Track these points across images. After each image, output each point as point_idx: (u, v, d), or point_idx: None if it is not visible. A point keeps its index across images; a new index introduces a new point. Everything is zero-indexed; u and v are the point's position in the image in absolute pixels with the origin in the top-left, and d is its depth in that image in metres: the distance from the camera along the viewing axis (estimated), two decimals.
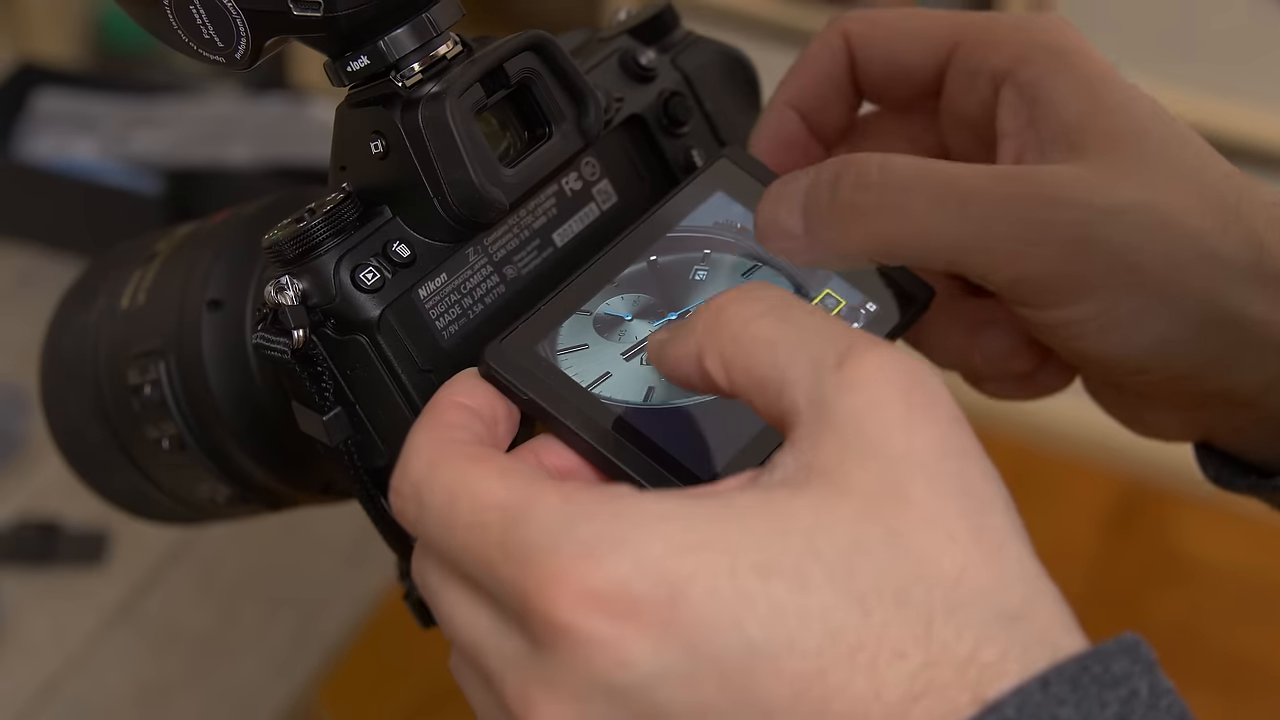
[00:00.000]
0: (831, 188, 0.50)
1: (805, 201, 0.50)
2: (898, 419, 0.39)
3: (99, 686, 1.08)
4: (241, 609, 1.13)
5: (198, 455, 0.60)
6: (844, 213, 0.49)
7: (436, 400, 0.46)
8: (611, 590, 0.37)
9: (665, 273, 0.52)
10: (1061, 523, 2.20)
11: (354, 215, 0.51)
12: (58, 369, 0.65)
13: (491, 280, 0.53)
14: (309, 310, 0.50)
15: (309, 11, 0.48)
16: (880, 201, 0.49)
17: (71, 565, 1.13)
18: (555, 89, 0.52)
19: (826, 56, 0.57)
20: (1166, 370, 0.51)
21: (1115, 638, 0.37)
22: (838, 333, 0.41)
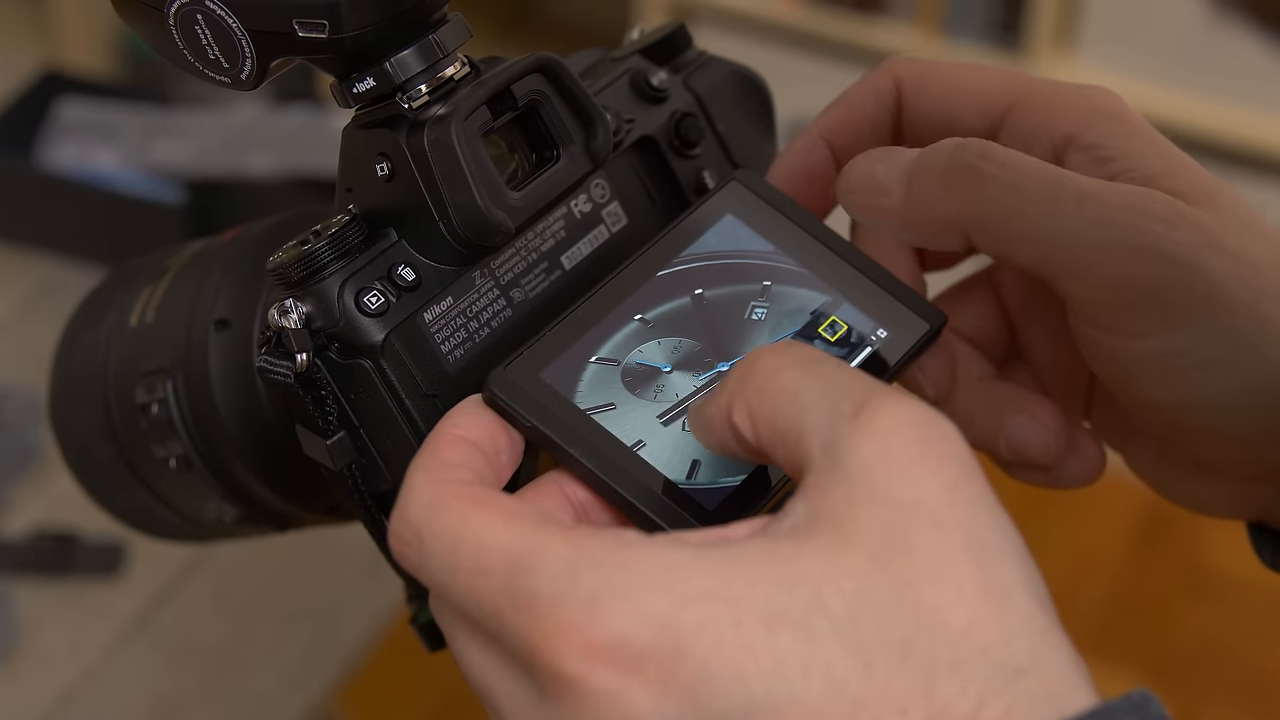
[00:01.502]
0: (952, 151, 0.49)
1: (918, 162, 0.50)
2: (906, 468, 0.39)
3: (115, 698, 1.08)
4: (258, 621, 1.13)
5: (204, 475, 0.59)
6: (960, 173, 0.49)
7: (435, 435, 0.45)
8: (616, 642, 0.37)
9: (715, 311, 0.52)
10: (1089, 535, 2.19)
11: (359, 238, 0.50)
12: (67, 386, 0.64)
13: (498, 304, 0.52)
14: (313, 334, 0.50)
15: (314, 33, 0.48)
16: (1000, 173, 0.48)
17: (88, 576, 1.13)
18: (563, 111, 0.52)
19: (872, 98, 0.56)
20: (1235, 430, 0.50)
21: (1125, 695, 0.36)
22: (859, 385, 0.40)
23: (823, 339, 0.52)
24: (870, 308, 0.53)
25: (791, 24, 2.34)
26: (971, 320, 0.58)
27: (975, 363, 0.57)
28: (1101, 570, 2.15)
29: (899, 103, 0.55)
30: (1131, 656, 2.01)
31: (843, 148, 0.56)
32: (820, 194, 0.57)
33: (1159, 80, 2.11)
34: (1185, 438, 0.52)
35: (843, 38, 2.32)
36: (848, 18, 2.33)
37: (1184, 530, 2.16)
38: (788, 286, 0.52)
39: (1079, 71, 2.16)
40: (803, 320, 0.52)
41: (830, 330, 0.52)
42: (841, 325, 0.52)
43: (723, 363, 0.50)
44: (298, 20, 0.48)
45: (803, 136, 0.57)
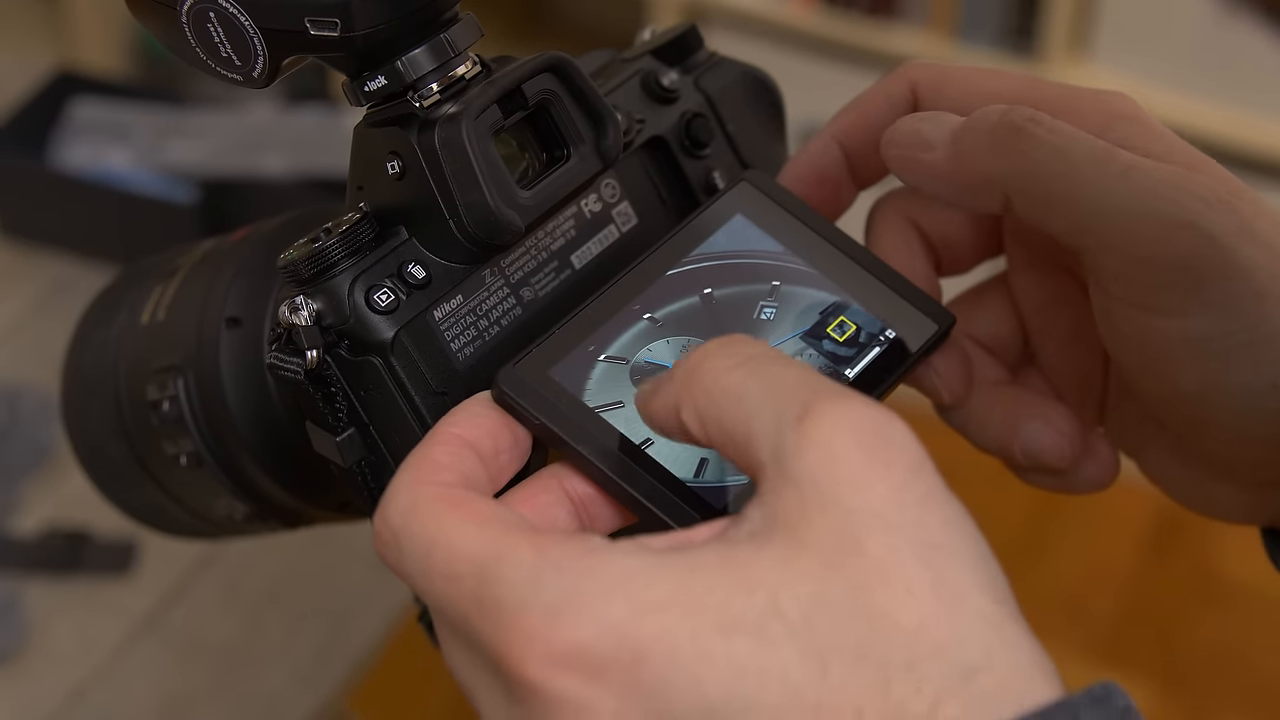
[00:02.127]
0: (1003, 112, 0.50)
1: (967, 121, 0.50)
2: (854, 471, 0.39)
3: (125, 696, 1.08)
4: (268, 619, 1.13)
5: (215, 472, 0.59)
6: (1009, 132, 0.49)
7: (432, 433, 0.46)
8: (577, 651, 0.38)
9: (723, 310, 0.52)
10: (1100, 542, 2.18)
11: (370, 235, 0.51)
12: (79, 384, 0.65)
13: (508, 302, 0.53)
14: (323, 331, 0.50)
15: (326, 31, 0.48)
16: (1048, 137, 0.49)
17: (99, 575, 1.14)
18: (574, 110, 0.52)
19: (887, 102, 0.56)
20: (1256, 428, 0.50)
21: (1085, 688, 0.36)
22: (805, 385, 0.40)
23: (831, 339, 0.52)
24: (879, 308, 0.53)
25: (805, 27, 2.34)
26: (986, 325, 0.58)
27: (990, 367, 0.57)
28: (1112, 577, 2.15)
29: (915, 107, 0.55)
30: (1142, 664, 2.00)
31: (857, 151, 0.56)
32: (833, 196, 0.57)
33: (1173, 85, 2.11)
34: (1204, 435, 0.51)
35: (856, 42, 2.32)
36: (861, 21, 2.32)
37: (1195, 537, 2.16)
38: (797, 287, 0.52)
39: (1093, 77, 2.15)
40: (812, 320, 0.52)
41: (839, 330, 0.52)
42: (850, 325, 0.52)
43: None
44: (310, 19, 0.48)
45: (816, 139, 0.57)
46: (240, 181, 1.32)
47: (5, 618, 1.09)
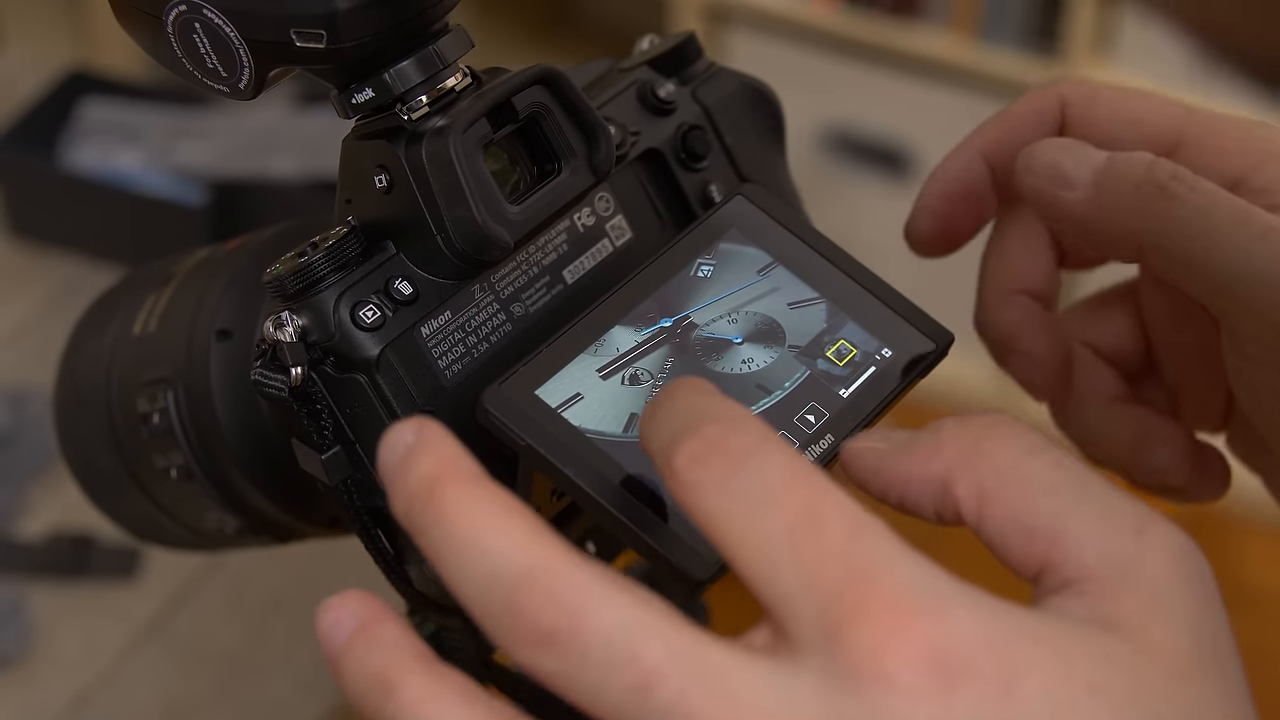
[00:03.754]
0: (1148, 166, 0.49)
1: (1112, 167, 0.49)
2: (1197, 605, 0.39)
3: (128, 702, 1.08)
4: (272, 627, 1.13)
5: (205, 485, 0.59)
6: (1154, 189, 0.48)
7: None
8: (952, 650, 0.35)
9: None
10: None
11: (357, 250, 0.50)
12: (71, 393, 0.64)
13: (498, 318, 0.52)
14: (308, 347, 0.49)
15: (312, 43, 0.48)
16: (1190, 197, 0.48)
17: (103, 580, 1.13)
18: (565, 124, 0.51)
19: (1035, 118, 0.55)
20: None
21: None
22: (1123, 495, 0.39)
23: (827, 358, 0.51)
24: (876, 327, 0.52)
25: (827, 27, 2.33)
26: (1109, 335, 0.57)
27: (1108, 380, 0.56)
28: None
29: (1062, 126, 0.54)
30: None
31: (1001, 166, 0.55)
32: (975, 210, 0.56)
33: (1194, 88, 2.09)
34: None
35: (878, 41, 2.32)
36: (883, 21, 2.32)
37: (1218, 541, 2.14)
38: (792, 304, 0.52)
39: (1115, 78, 2.14)
40: (808, 337, 0.51)
41: (835, 349, 0.51)
42: (846, 344, 0.51)
43: None
44: (295, 30, 0.47)
45: (959, 150, 0.56)
46: (250, 183, 1.32)
47: (9, 622, 1.08)
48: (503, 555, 0.37)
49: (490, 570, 0.37)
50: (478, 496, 0.38)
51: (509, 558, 0.37)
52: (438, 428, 0.40)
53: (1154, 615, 0.38)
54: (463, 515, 0.38)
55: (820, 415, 0.50)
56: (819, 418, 0.49)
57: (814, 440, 0.49)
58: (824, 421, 0.49)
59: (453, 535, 0.37)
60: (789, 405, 0.49)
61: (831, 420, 0.50)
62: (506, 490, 0.39)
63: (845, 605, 0.36)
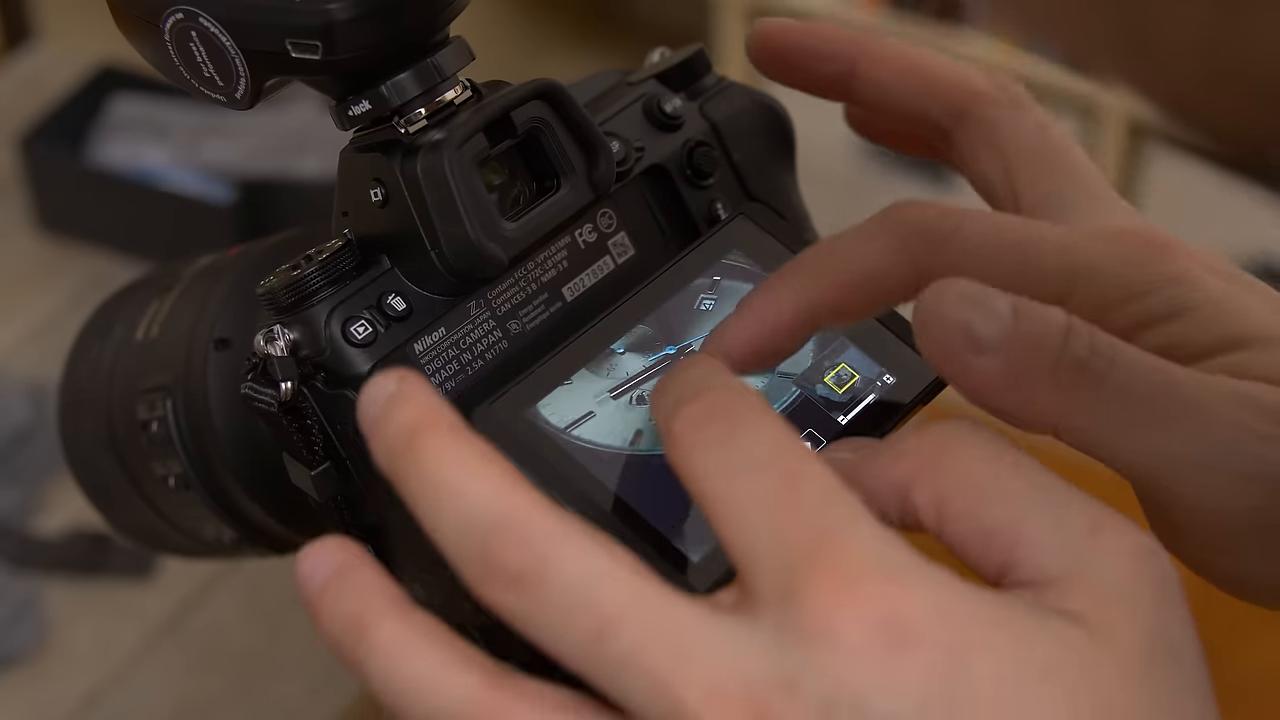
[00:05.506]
0: (1064, 335, 0.42)
1: (1022, 333, 0.42)
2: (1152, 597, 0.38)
3: (140, 701, 1.08)
4: (287, 627, 1.13)
5: (202, 495, 0.58)
6: (1072, 371, 0.42)
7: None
8: (904, 616, 0.36)
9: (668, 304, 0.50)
10: None
11: (351, 264, 0.49)
12: (74, 397, 0.64)
13: (494, 335, 0.51)
14: (299, 362, 0.48)
15: (308, 54, 0.47)
16: (1109, 374, 0.43)
17: (120, 578, 1.13)
18: (565, 139, 0.50)
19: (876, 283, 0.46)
20: None
21: None
22: (1079, 497, 0.39)
23: (825, 384, 0.50)
24: (878, 352, 0.51)
25: (870, 29, 2.32)
26: None
27: None
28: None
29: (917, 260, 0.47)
30: None
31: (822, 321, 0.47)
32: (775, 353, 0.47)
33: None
34: None
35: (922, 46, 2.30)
36: (928, 26, 2.30)
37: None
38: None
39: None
40: (806, 363, 0.50)
41: (834, 375, 0.50)
42: (846, 369, 0.50)
43: None
44: (291, 41, 0.47)
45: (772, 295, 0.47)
46: (277, 182, 1.32)
47: (24, 618, 1.08)
48: (478, 500, 0.38)
49: (466, 515, 0.38)
50: (456, 444, 0.39)
51: (485, 502, 0.37)
52: (418, 379, 0.40)
53: (1109, 610, 0.38)
54: (441, 462, 0.38)
55: (818, 442, 0.49)
56: (815, 445, 0.49)
57: None
58: (820, 450, 0.48)
59: (430, 482, 0.38)
60: None
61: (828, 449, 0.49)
62: (485, 440, 0.39)
63: (806, 565, 0.36)
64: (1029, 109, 0.52)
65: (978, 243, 0.46)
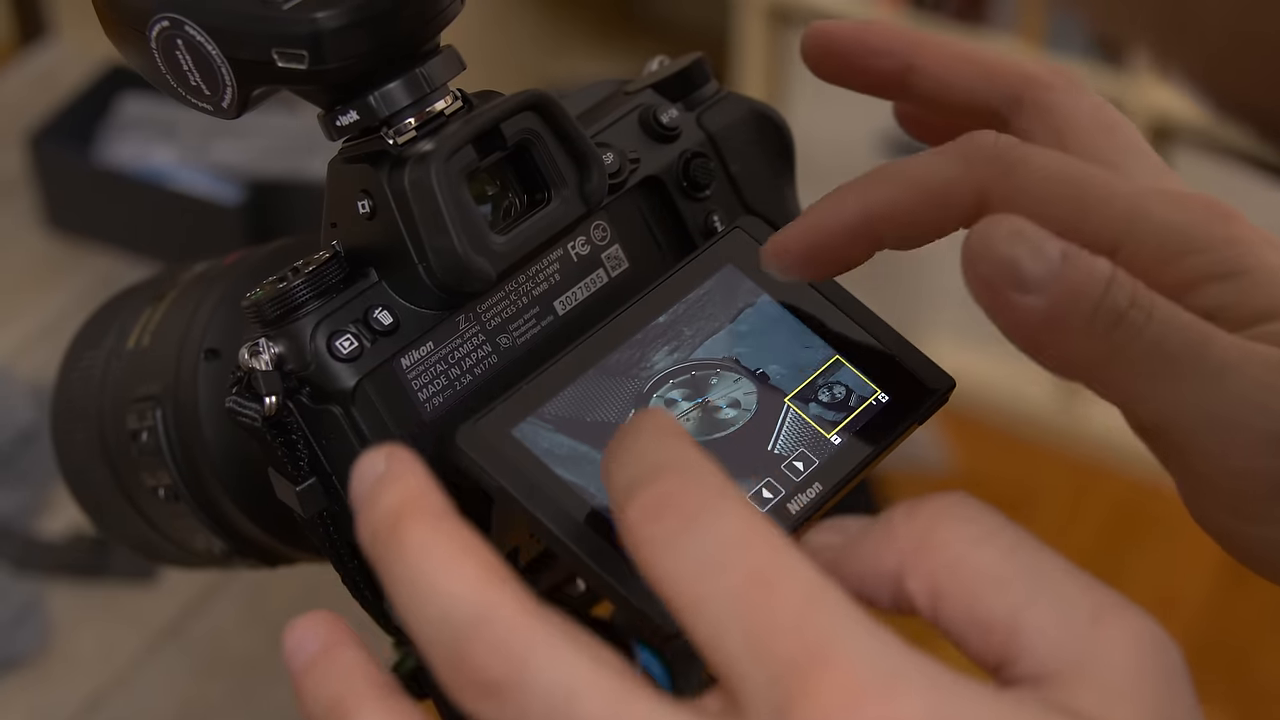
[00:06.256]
0: (1107, 284, 0.43)
1: (1067, 274, 0.42)
2: (1160, 696, 0.37)
3: (141, 706, 1.07)
4: None
5: (192, 507, 0.58)
6: (1110, 316, 0.43)
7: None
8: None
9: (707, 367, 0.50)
10: (1175, 567, 2.14)
11: (338, 277, 0.49)
12: (66, 405, 0.63)
13: (483, 350, 0.50)
14: (284, 376, 0.48)
15: (294, 64, 0.46)
16: (1147, 327, 0.43)
17: (122, 581, 1.13)
18: (556, 151, 0.49)
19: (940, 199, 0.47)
20: None
21: None
22: (1079, 582, 0.38)
23: (819, 402, 0.49)
24: (873, 370, 0.50)
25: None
26: None
27: None
28: (1185, 605, 2.10)
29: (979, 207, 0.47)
30: (1217, 693, 1.96)
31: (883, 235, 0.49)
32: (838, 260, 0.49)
33: None
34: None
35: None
36: (950, 26, 2.29)
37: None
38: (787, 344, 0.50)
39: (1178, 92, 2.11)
40: (800, 380, 0.49)
41: (827, 392, 0.49)
42: (841, 388, 0.49)
43: None
44: (277, 50, 0.46)
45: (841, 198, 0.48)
46: (286, 183, 1.31)
47: (26, 621, 1.08)
48: (454, 598, 0.36)
49: (441, 613, 0.36)
50: (438, 534, 0.37)
51: (460, 601, 0.36)
52: (408, 457, 0.39)
53: (1114, 706, 0.36)
54: (421, 553, 0.37)
55: (809, 462, 0.48)
56: (807, 465, 0.48)
57: (801, 489, 0.47)
58: (813, 469, 0.48)
59: (409, 573, 0.37)
60: (777, 451, 0.48)
61: (821, 468, 0.48)
62: (471, 529, 0.38)
63: (796, 680, 0.34)
64: (1084, 91, 0.51)
65: (1042, 175, 0.46)
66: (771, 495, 0.47)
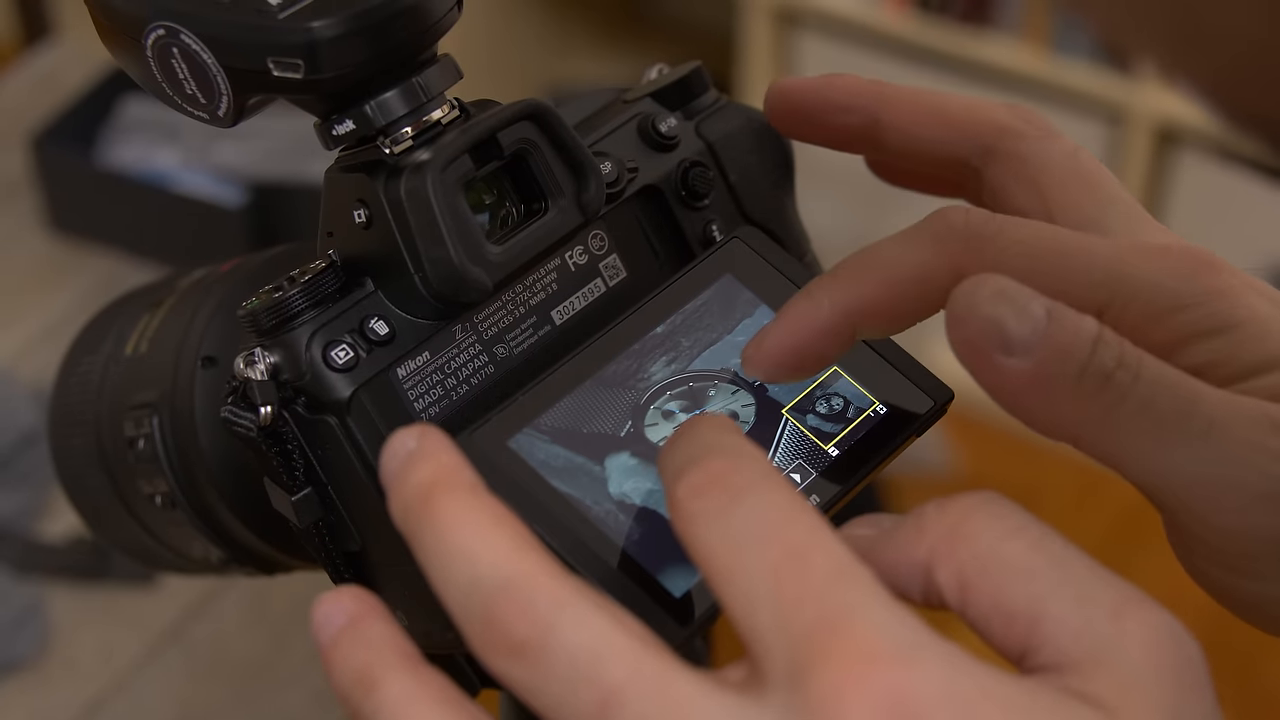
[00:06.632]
0: (1093, 345, 0.42)
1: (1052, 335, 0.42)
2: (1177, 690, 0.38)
3: (143, 708, 1.07)
4: (292, 639, 1.12)
5: (188, 514, 0.58)
6: (1096, 379, 0.42)
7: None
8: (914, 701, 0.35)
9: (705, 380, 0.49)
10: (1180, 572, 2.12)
11: (334, 286, 0.48)
12: (64, 410, 0.63)
13: (479, 360, 0.50)
14: (279, 386, 0.47)
15: (290, 73, 0.46)
16: (1134, 389, 0.42)
17: (123, 584, 1.13)
18: (554, 161, 0.49)
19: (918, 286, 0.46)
20: None
21: None
22: (1102, 577, 0.39)
23: (816, 413, 0.49)
24: (871, 382, 0.50)
25: (898, 33, 2.30)
26: None
27: None
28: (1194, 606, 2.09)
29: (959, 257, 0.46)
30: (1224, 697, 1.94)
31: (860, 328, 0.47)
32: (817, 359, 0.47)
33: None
34: None
35: (950, 50, 2.29)
36: (956, 30, 2.29)
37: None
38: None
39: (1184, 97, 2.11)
40: (798, 392, 0.49)
41: (826, 404, 0.49)
42: (838, 399, 0.49)
43: None
44: (273, 59, 0.46)
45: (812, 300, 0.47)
46: (289, 186, 1.31)
47: (27, 624, 1.08)
48: (485, 564, 0.37)
49: (471, 578, 0.37)
50: (470, 505, 0.39)
51: (491, 566, 0.37)
52: (439, 435, 0.40)
53: (1130, 697, 0.37)
54: (453, 522, 0.38)
55: (806, 474, 0.48)
56: (805, 477, 0.48)
57: None
58: (809, 481, 0.47)
59: (440, 543, 0.38)
60: (775, 463, 0.47)
61: (818, 480, 0.48)
62: (501, 503, 0.39)
63: (814, 647, 0.35)
64: (1057, 138, 0.50)
65: (1020, 250, 0.45)
66: None
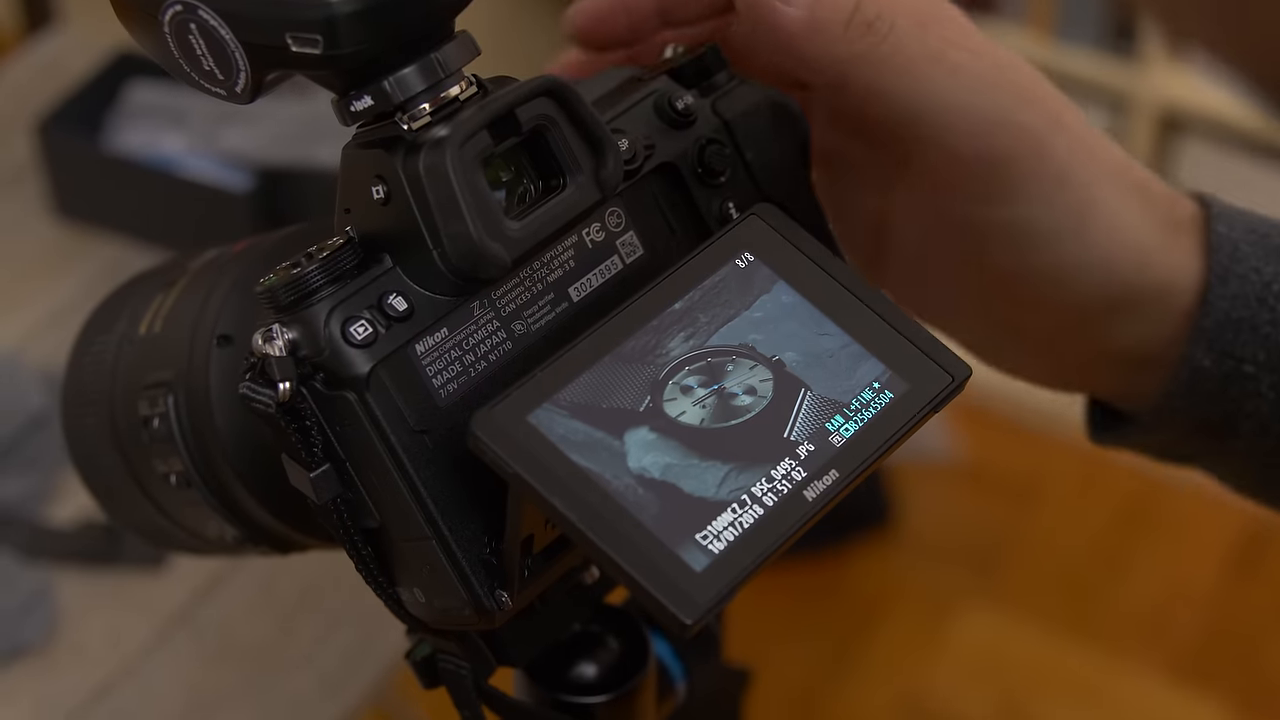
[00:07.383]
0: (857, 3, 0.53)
1: None
2: None
3: (151, 693, 1.07)
4: (299, 623, 1.12)
5: (204, 493, 0.57)
6: (860, 25, 0.53)
7: None
8: None
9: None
10: (1182, 560, 2.13)
11: (352, 263, 0.48)
12: (77, 391, 0.63)
13: (498, 336, 0.50)
14: (298, 362, 0.47)
15: (308, 49, 0.46)
16: (889, 34, 0.53)
17: (132, 569, 1.12)
18: (571, 137, 0.49)
19: None
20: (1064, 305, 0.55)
21: None
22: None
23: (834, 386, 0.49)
24: (890, 357, 0.50)
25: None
26: None
27: None
28: (1195, 595, 2.10)
29: None
30: (1224, 684, 1.96)
31: None
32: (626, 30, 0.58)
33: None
34: (1018, 309, 0.56)
35: None
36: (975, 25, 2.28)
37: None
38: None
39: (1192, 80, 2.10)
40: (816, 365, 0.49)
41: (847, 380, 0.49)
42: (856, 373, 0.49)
43: None
44: (291, 34, 0.46)
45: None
46: (296, 170, 1.31)
47: (35, 609, 1.08)
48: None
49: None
50: None
51: None
52: None
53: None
54: None
55: (824, 448, 0.47)
56: (822, 451, 0.47)
57: (819, 475, 0.47)
58: (831, 455, 0.47)
59: None
60: (793, 438, 0.47)
61: (836, 454, 0.47)
62: None
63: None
64: None
65: None
66: (788, 482, 0.47)
